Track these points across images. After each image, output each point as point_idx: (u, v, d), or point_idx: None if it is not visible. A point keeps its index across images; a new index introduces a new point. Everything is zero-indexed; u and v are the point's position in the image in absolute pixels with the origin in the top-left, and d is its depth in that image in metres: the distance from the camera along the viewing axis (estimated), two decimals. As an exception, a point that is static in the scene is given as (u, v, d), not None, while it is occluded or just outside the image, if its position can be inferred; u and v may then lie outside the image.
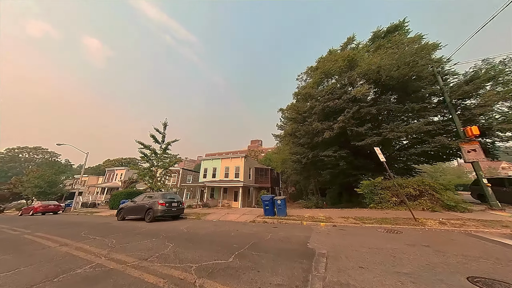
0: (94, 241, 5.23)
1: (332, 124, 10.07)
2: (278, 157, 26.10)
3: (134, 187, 21.87)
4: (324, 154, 10.60)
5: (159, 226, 7.69)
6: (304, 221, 7.57)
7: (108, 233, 6.34)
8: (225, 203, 21.00)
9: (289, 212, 9.59)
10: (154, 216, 9.10)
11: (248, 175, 22.93)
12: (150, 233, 6.30)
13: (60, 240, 5.48)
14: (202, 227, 7.18)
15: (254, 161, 27.82)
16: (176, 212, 10.03)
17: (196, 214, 11.10)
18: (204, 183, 20.52)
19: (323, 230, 6.10)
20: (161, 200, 9.42)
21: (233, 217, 9.81)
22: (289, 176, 26.18)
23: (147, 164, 14.16)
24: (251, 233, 5.82)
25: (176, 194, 11.18)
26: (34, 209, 19.69)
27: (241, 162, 22.06)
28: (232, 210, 12.85)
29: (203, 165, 25.22)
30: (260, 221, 8.36)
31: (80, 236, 5.95)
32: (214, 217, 10.09)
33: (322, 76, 11.46)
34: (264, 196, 9.22)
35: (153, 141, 14.56)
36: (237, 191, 21.33)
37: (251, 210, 12.19)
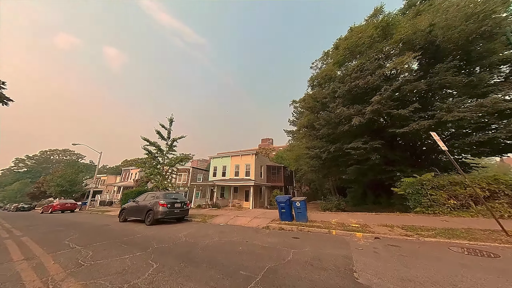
0: (68, 253, 4.16)
1: (362, 109, 8.14)
2: (291, 155, 24.25)
3: (145, 186, 21.59)
4: (351, 147, 8.72)
5: (157, 231, 6.57)
6: (333, 229, 5.90)
7: (94, 241, 5.31)
8: (235, 203, 19.82)
9: (310, 216, 7.94)
10: (154, 219, 8.06)
11: (259, 173, 21.50)
12: (140, 242, 5.14)
13: (33, 250, 4.54)
14: (204, 235, 5.88)
15: (265, 158, 26.30)
16: (180, 213, 8.94)
17: (202, 216, 9.94)
18: (213, 182, 19.54)
19: (364, 245, 4.41)
20: (162, 201, 8.37)
21: (243, 220, 8.43)
22: (304, 174, 24.22)
23: (153, 161, 13.40)
24: (265, 248, 4.35)
25: (180, 194, 10.14)
26: (53, 207, 20.36)
27: (252, 159, 20.69)
28: (243, 212, 11.50)
29: (212, 163, 24.35)
30: (275, 227, 6.85)
31: (60, 245, 4.97)
32: (221, 220, 8.81)
33: (346, 53, 9.51)
34: (280, 197, 7.69)
35: (159, 137, 13.77)
36: (248, 190, 20.01)
37: (264, 212, 10.73)
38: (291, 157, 24.46)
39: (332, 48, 11.58)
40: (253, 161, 20.53)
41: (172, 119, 14.93)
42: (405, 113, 7.22)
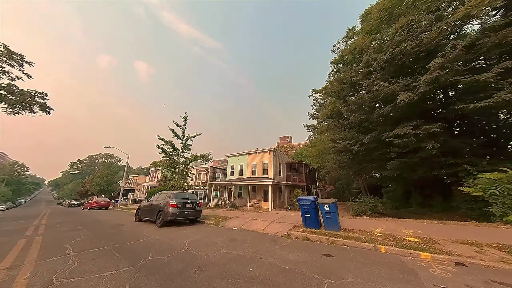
0: (54, 263, 3.64)
1: (412, 81, 6.08)
2: (313, 151, 22.15)
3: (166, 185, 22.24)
4: (394, 135, 6.71)
5: (163, 236, 5.88)
6: (380, 243, 4.28)
7: (94, 245, 4.84)
8: (254, 203, 18.81)
9: (342, 222, 6.30)
10: (164, 220, 7.50)
11: (278, 171, 20.07)
12: (137, 250, 4.41)
13: (28, 255, 4.19)
14: (211, 244, 4.90)
15: (284, 156, 24.66)
16: (191, 215, 8.24)
17: (216, 218, 9.12)
18: (230, 181, 18.90)
19: (445, 277, 2.77)
20: (173, 201, 7.76)
21: (259, 225, 7.26)
22: (328, 172, 21.88)
23: (169, 160, 13.29)
24: (285, 272, 3.09)
25: (192, 194, 9.52)
26: (91, 204, 22.53)
27: (269, 156, 19.39)
28: (260, 214, 10.33)
29: (229, 162, 23.83)
30: (298, 236, 5.49)
31: (59, 249, 4.60)
32: (235, 224, 7.80)
33: (383, 15, 7.38)
34: (303, 198, 6.27)
35: (174, 136, 13.60)
36: (266, 189, 18.79)
37: (284, 215, 9.37)
38: (312, 154, 22.39)
39: (366, 13, 9.36)
40: (271, 158, 19.21)
41: (186, 117, 14.66)
42: (489, 77, 4.97)
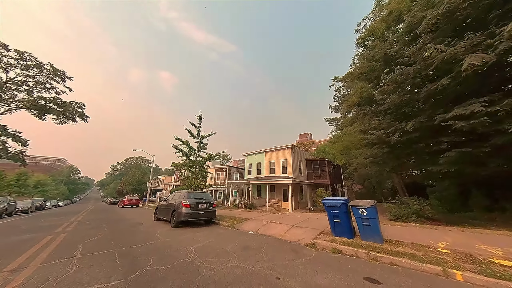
0: (55, 267, 3.41)
1: (484, 39, 4.32)
2: (337, 147, 20.03)
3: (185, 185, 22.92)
4: (456, 115, 4.93)
5: (172, 239, 5.47)
6: (451, 266, 2.96)
7: (104, 247, 4.71)
8: (273, 203, 17.87)
9: (383, 229, 4.93)
10: (177, 221, 7.19)
11: (298, 169, 18.71)
12: (139, 256, 3.98)
13: (41, 254, 4.14)
14: (221, 252, 4.21)
15: (304, 152, 23.02)
16: (205, 216, 7.79)
17: (232, 219, 8.52)
18: (248, 180, 18.32)
19: None
20: (186, 201, 7.41)
21: (278, 229, 6.34)
22: (355, 169, 19.52)
23: (185, 160, 13.35)
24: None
25: (207, 193, 9.11)
26: (124, 202, 24.72)
27: (288, 154, 18.17)
28: (279, 216, 9.37)
29: (247, 161, 23.36)
30: (326, 246, 4.41)
31: (70, 249, 4.53)
32: (251, 227, 7.04)
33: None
34: (330, 200, 5.12)
35: (189, 135, 13.63)
36: (286, 189, 17.64)
37: (307, 218, 8.24)
38: (336, 150, 20.24)
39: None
40: (290, 155, 17.97)
41: (201, 116, 14.58)
42: None
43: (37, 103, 18.05)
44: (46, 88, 19.06)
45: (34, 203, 22.97)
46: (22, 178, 28.32)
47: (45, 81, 18.88)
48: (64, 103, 19.39)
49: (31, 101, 17.77)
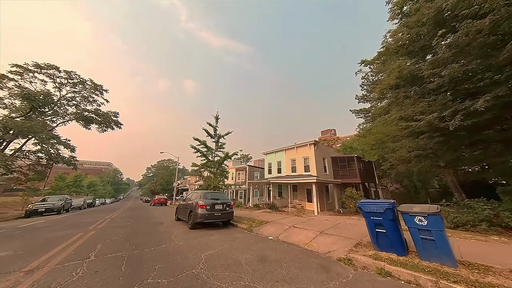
0: (63, 271, 3.31)
1: None
2: (368, 141, 17.61)
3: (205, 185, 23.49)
4: None
5: (185, 243, 5.13)
6: None
7: (118, 249, 4.64)
8: (296, 203, 16.71)
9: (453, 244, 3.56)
10: (193, 222, 6.93)
11: (322, 167, 17.10)
12: (148, 262, 3.66)
13: (60, 256, 4.20)
14: (233, 263, 3.59)
15: (328, 149, 21.04)
16: (221, 217, 7.36)
17: (250, 222, 7.91)
18: (268, 180, 17.57)
19: None
20: (201, 201, 7.11)
21: (302, 236, 5.44)
22: (392, 166, 16.79)
23: (203, 160, 13.38)
24: None
25: (223, 193, 8.71)
26: (154, 201, 26.79)
27: (310, 150, 16.75)
28: (303, 220, 8.37)
29: (266, 159, 22.63)
30: (367, 264, 3.36)
31: (89, 249, 4.57)
32: (271, 231, 6.29)
33: None
34: (369, 204, 3.99)
35: (207, 135, 13.62)
36: (309, 188, 16.28)
37: (336, 223, 7.05)
38: (367, 144, 17.81)
39: None
40: (312, 152, 16.53)
41: (218, 116, 14.45)
42: None
43: (83, 115, 20.85)
44: (89, 101, 21.84)
45: (86, 201, 26.77)
46: (78, 180, 33.53)
47: (88, 95, 21.66)
48: (103, 113, 21.97)
49: (79, 113, 20.59)
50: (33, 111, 16.06)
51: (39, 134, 14.71)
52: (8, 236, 6.51)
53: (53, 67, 18.15)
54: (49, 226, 8.36)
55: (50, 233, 6.57)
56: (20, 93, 14.82)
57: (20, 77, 16.54)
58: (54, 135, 16.32)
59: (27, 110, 15.51)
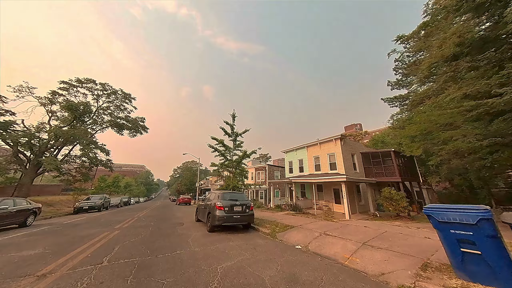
0: (75, 276, 3.01)
1: None
2: (408, 132, 14.97)
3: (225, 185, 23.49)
4: None
5: (203, 248, 4.62)
6: None
7: (133, 253, 4.38)
8: (322, 205, 15.23)
9: None
10: (212, 225, 6.45)
11: (351, 164, 15.23)
12: (158, 273, 3.19)
13: (74, 259, 4.05)
14: (255, 282, 2.85)
15: (358, 144, 18.73)
16: (240, 220, 6.72)
17: (273, 226, 7.09)
18: (289, 179, 16.45)
19: None
20: (219, 202, 6.59)
21: (339, 247, 4.38)
22: (442, 162, 13.90)
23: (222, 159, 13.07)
24: None
25: (242, 194, 8.06)
26: (179, 200, 28.08)
27: (336, 146, 15.06)
28: (336, 225, 7.17)
29: (286, 158, 21.48)
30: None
31: (105, 252, 4.36)
32: (298, 238, 5.37)
33: None
34: (447, 211, 2.75)
35: (224, 134, 13.28)
36: (337, 188, 14.63)
37: (381, 232, 5.71)
38: (406, 136, 15.14)
39: None
40: (339, 148, 14.82)
41: (235, 114, 14.01)
42: None
43: (116, 122, 23.01)
44: (121, 110, 23.99)
45: (122, 200, 29.66)
46: (116, 181, 37.62)
47: (120, 104, 23.82)
48: (132, 119, 23.94)
49: (113, 121, 22.79)
50: (76, 120, 18.16)
51: (81, 140, 16.54)
52: (50, 232, 7.02)
53: (91, 81, 20.36)
54: (85, 223, 8.98)
55: (83, 231, 6.88)
56: (65, 105, 16.82)
57: (67, 92, 19.02)
58: (93, 140, 18.13)
59: (71, 120, 17.57)
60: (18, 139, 14.61)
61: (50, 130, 15.87)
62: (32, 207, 9.62)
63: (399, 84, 19.54)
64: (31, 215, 9.46)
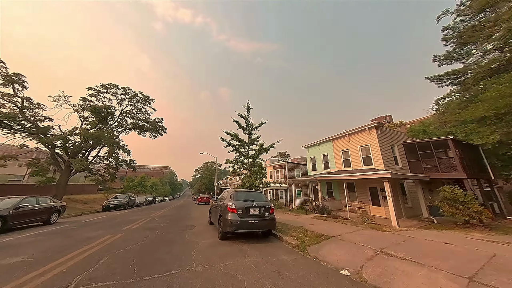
0: None
1: None
2: (469, 115, 11.59)
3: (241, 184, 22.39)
4: None
5: (208, 265, 3.36)
6: None
7: (111, 274, 3.30)
8: (355, 207, 12.91)
9: None
10: (223, 232, 5.18)
11: (391, 158, 12.53)
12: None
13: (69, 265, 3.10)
14: None
15: (398, 133, 15.45)
16: (258, 226, 5.27)
17: (301, 234, 5.50)
18: (314, 177, 14.41)
19: None
20: (231, 203, 5.29)
21: (418, 280, 2.58)
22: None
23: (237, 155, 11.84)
24: None
25: (259, 193, 6.56)
26: (198, 199, 28.14)
27: (371, 137, 12.55)
28: (394, 239, 5.21)
29: (308, 154, 19.38)
30: None
31: (87, 265, 3.33)
32: (341, 257, 3.69)
33: None
34: None
35: (238, 127, 12.03)
36: (374, 187, 12.14)
37: (486, 256, 3.63)
38: (470, 118, 11.70)
39: None
40: (375, 139, 12.32)
41: (249, 106, 12.69)
42: None
43: (138, 124, 23.97)
44: (142, 112, 24.93)
45: (147, 198, 31.17)
46: (143, 180, 40.12)
47: (141, 106, 24.78)
48: (152, 120, 24.71)
49: (135, 123, 23.80)
50: (101, 123, 19.15)
51: (106, 141, 17.28)
52: (61, 232, 6.71)
53: (114, 86, 21.43)
54: (100, 223, 8.74)
55: (89, 233, 6.37)
56: (89, 108, 17.78)
57: (95, 98, 20.32)
58: (116, 141, 18.79)
59: (97, 123, 18.55)
60: (54, 142, 15.83)
61: (79, 133, 16.96)
62: (56, 205, 9.82)
63: (452, 57, 15.67)
64: (55, 213, 9.63)
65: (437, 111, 21.84)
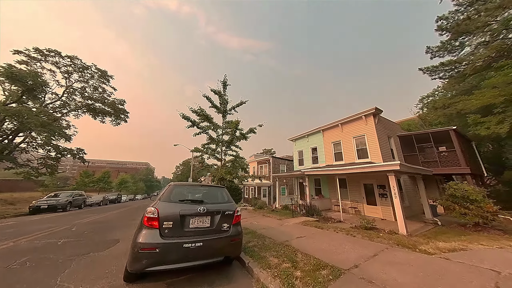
0: None
1: None
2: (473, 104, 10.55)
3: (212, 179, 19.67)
4: None
5: None
6: None
7: None
8: (347, 206, 11.14)
9: None
10: (126, 270, 2.47)
11: (388, 151, 10.98)
12: None
13: None
14: None
15: (394, 124, 14.03)
16: (203, 252, 2.65)
17: (288, 260, 3.04)
18: (302, 171, 12.31)
19: None
20: (153, 209, 2.59)
21: None
22: None
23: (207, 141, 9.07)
24: None
25: (217, 189, 3.83)
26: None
27: (368, 125, 10.83)
28: (439, 265, 3.00)
29: (295, 147, 17.35)
30: None
31: None
32: None
33: None
34: None
35: (210, 106, 9.23)
36: (369, 183, 10.46)
37: None
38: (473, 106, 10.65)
39: None
40: (372, 127, 10.61)
41: (226, 82, 9.91)
42: None
43: (90, 105, 19.32)
44: (99, 92, 20.29)
45: (108, 197, 26.32)
46: (105, 176, 34.49)
47: (98, 85, 20.12)
48: (110, 102, 20.25)
49: (86, 103, 19.16)
50: (27, 96, 14.42)
51: (31, 120, 12.77)
52: None
53: (56, 52, 16.68)
54: None
55: None
56: (5, 73, 12.91)
57: (27, 67, 15.38)
58: (49, 123, 14.28)
59: (19, 95, 13.83)
60: None
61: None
62: None
63: (445, 48, 14.89)
64: None
65: (423, 108, 21.70)
